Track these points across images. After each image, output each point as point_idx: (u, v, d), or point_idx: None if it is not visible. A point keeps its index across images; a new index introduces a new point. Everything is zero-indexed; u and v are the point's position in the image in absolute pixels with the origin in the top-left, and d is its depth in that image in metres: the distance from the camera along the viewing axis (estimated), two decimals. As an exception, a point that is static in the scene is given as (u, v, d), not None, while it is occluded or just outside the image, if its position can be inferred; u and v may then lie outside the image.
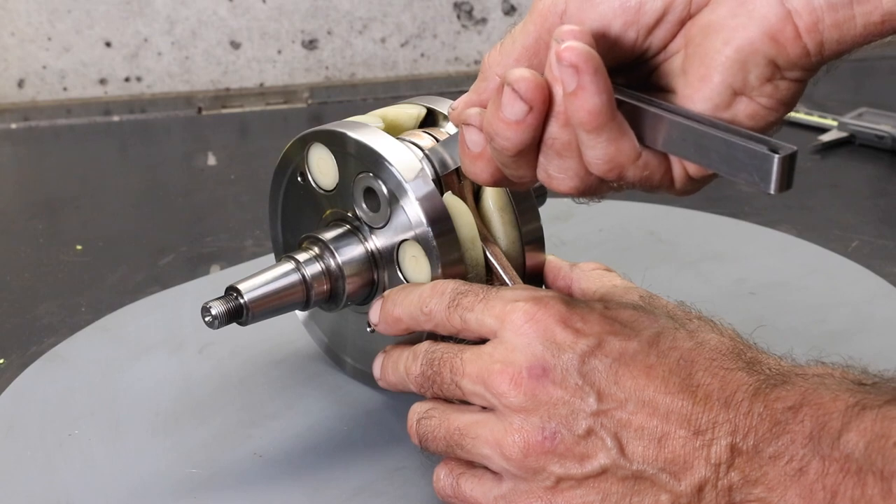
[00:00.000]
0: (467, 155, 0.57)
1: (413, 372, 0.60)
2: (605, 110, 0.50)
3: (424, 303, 0.60)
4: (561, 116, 0.51)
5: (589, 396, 0.53)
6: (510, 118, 0.51)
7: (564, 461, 0.54)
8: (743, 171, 0.48)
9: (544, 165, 0.54)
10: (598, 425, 0.53)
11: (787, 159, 0.47)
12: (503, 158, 0.54)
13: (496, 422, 0.55)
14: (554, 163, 0.53)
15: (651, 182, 0.53)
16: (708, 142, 0.49)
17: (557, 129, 0.52)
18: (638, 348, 0.54)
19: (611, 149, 0.51)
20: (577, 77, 0.49)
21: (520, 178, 0.55)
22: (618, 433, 0.53)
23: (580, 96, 0.49)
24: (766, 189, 0.47)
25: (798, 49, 0.49)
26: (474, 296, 0.59)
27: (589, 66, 0.49)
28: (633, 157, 0.51)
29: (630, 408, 0.53)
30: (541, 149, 0.53)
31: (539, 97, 0.51)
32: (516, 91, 0.51)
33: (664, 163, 0.52)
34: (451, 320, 0.59)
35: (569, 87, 0.49)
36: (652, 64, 0.54)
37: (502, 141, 0.53)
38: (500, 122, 0.52)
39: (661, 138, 0.51)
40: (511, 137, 0.52)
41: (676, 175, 0.53)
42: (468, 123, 0.56)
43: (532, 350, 0.55)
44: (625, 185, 0.53)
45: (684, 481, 0.51)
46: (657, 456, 0.52)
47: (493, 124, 0.53)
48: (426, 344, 0.61)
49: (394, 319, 0.62)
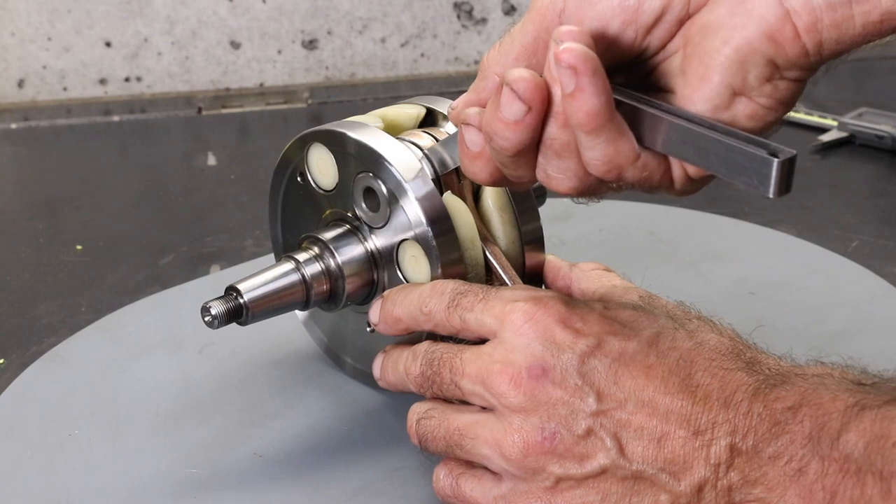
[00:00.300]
0: (466, 154, 0.57)
1: (413, 372, 0.60)
2: (603, 111, 0.50)
3: (424, 303, 0.60)
4: (560, 117, 0.51)
5: (588, 396, 0.53)
6: (509, 118, 0.52)
7: (564, 461, 0.54)
8: (742, 175, 0.48)
9: (543, 166, 0.54)
10: (598, 425, 0.53)
11: (787, 163, 0.47)
12: (502, 158, 0.54)
13: (496, 422, 0.55)
14: (553, 163, 0.53)
15: (650, 183, 0.53)
16: (707, 144, 0.49)
17: (556, 129, 0.52)
18: (637, 348, 0.54)
19: (609, 150, 0.51)
20: (576, 78, 0.49)
21: (519, 178, 0.55)
22: (617, 433, 0.53)
23: (578, 98, 0.49)
24: (765, 193, 0.47)
25: (797, 49, 0.49)
26: (474, 296, 0.59)
27: (587, 68, 0.49)
28: (633, 158, 0.51)
29: (629, 408, 0.53)
30: (540, 149, 0.53)
31: (538, 97, 0.51)
32: (515, 91, 0.51)
33: (663, 163, 0.52)
34: (450, 320, 0.59)
35: (567, 88, 0.49)
36: (651, 64, 0.54)
37: (501, 141, 0.53)
38: (499, 122, 0.52)
39: (660, 140, 0.51)
40: (510, 137, 0.52)
41: (676, 176, 0.53)
42: (467, 123, 0.56)
43: (531, 350, 0.55)
44: (624, 185, 0.53)
45: (684, 481, 0.51)
46: (657, 456, 0.52)
47: (492, 124, 0.53)
48: (426, 344, 0.61)
49: (393, 319, 0.62)
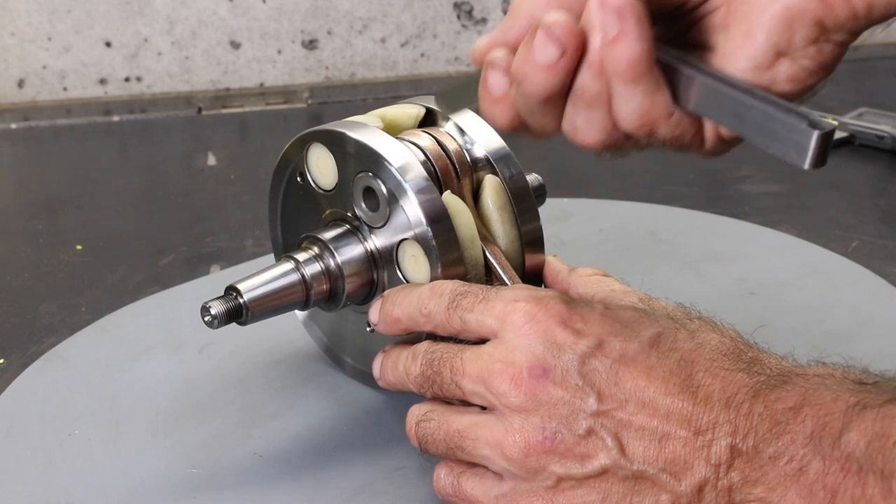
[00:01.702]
0: (488, 98, 0.55)
1: (413, 372, 0.60)
2: (644, 59, 0.49)
3: (423, 304, 0.60)
4: (595, 65, 0.50)
5: (589, 397, 0.53)
6: (541, 62, 0.51)
7: (565, 461, 0.54)
8: (778, 143, 0.47)
9: (571, 116, 0.53)
10: (599, 425, 0.53)
11: (825, 136, 0.46)
12: (529, 104, 0.53)
13: (496, 422, 0.55)
14: (582, 114, 0.52)
15: (681, 141, 0.52)
16: (744, 110, 0.48)
17: (589, 78, 0.51)
18: (638, 349, 0.54)
19: (646, 102, 0.50)
20: (620, 23, 0.48)
21: (542, 126, 0.54)
22: (618, 433, 0.53)
23: (621, 43, 0.48)
24: (801, 164, 0.46)
25: (847, 10, 0.48)
26: (474, 297, 0.59)
27: (632, 12, 0.48)
28: (667, 114, 0.50)
29: (630, 408, 0.53)
30: (569, 98, 0.52)
31: (573, 42, 0.50)
32: (550, 34, 0.50)
33: (696, 122, 0.52)
34: (450, 322, 0.59)
35: (610, 32, 0.48)
36: (693, 17, 0.53)
37: (531, 86, 0.52)
38: (531, 66, 0.51)
39: (694, 99, 0.50)
40: (540, 82, 0.51)
41: (707, 136, 0.52)
42: (493, 64, 0.55)
43: (532, 350, 0.55)
44: (654, 143, 0.53)
45: (684, 481, 0.51)
46: (657, 456, 0.52)
47: (523, 68, 0.52)
48: (425, 344, 0.61)
49: (393, 320, 0.62)
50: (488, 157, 0.67)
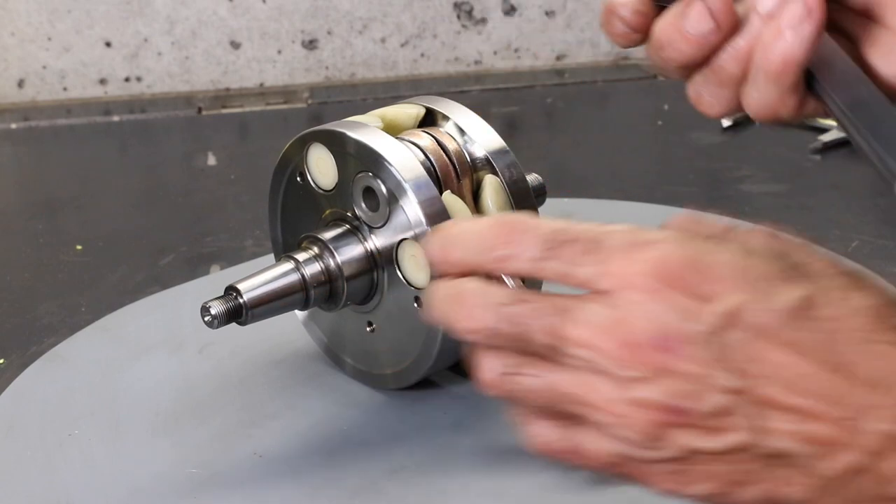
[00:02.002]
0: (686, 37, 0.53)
1: (482, 323, 0.48)
2: (799, 63, 0.48)
3: (497, 247, 0.48)
4: (742, 50, 0.50)
5: (723, 371, 0.45)
6: (690, 32, 0.50)
7: (693, 434, 0.46)
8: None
9: (699, 86, 0.53)
10: (733, 402, 0.45)
11: None
12: (664, 66, 0.53)
13: (612, 389, 0.46)
14: (711, 89, 0.52)
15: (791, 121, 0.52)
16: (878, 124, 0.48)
17: (731, 60, 0.51)
18: (782, 317, 0.46)
19: (778, 97, 0.50)
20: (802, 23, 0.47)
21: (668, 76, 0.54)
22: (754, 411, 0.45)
23: (789, 40, 0.48)
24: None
25: None
26: (579, 245, 0.47)
27: (816, 17, 0.47)
28: (795, 112, 0.50)
29: (773, 387, 0.45)
30: (704, 71, 0.52)
31: (729, 22, 0.50)
32: (709, 8, 0.50)
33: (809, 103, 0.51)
34: (542, 272, 0.48)
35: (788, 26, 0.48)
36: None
37: (671, 52, 0.52)
38: (677, 32, 0.51)
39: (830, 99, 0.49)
40: (683, 51, 0.51)
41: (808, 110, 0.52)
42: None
43: (658, 316, 0.46)
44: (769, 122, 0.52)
45: (826, 464, 0.45)
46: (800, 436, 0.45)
47: (669, 32, 0.51)
48: (499, 294, 0.48)
49: (451, 264, 0.49)
50: (488, 157, 0.67)
